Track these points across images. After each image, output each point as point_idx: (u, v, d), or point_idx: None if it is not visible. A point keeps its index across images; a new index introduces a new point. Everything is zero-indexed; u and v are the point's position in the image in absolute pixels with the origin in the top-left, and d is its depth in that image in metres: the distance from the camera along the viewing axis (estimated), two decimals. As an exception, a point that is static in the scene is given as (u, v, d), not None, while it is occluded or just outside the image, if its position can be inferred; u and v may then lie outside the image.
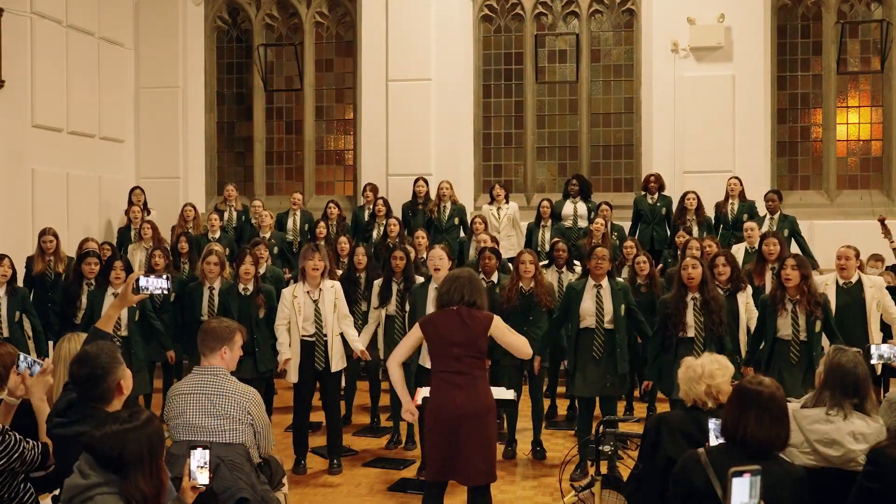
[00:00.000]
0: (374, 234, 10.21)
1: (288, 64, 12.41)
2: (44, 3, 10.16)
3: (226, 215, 10.75)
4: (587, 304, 6.34)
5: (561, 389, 8.47)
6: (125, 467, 2.79)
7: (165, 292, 4.17)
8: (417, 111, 11.52)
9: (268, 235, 9.99)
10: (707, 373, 3.71)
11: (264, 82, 12.35)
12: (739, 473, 2.71)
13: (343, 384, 8.23)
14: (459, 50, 11.70)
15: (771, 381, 3.22)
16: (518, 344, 4.62)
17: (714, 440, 3.41)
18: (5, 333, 7.18)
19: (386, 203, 10.41)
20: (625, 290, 6.47)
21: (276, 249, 9.93)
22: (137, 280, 3.99)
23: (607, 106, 11.90)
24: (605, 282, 6.39)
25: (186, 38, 12.25)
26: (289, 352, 6.34)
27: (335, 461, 6.55)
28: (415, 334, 4.69)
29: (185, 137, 12.26)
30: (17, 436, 3.57)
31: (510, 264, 7.89)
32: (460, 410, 4.37)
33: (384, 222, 10.03)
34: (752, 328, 6.36)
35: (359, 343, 6.51)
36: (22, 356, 3.81)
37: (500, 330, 4.59)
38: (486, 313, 4.57)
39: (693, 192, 9.91)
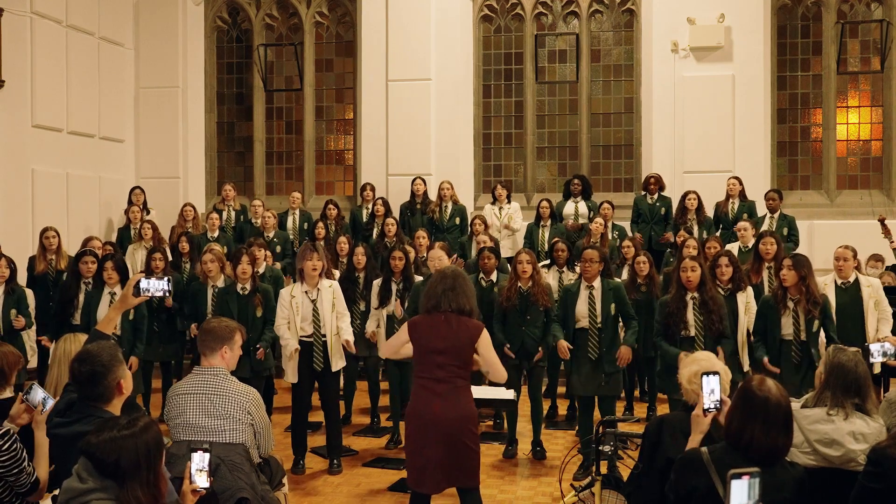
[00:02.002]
0: (374, 233, 10.22)
1: (288, 64, 12.41)
2: (44, 3, 10.16)
3: (224, 215, 10.76)
4: (581, 306, 6.51)
5: (561, 389, 8.48)
6: (122, 475, 2.77)
7: (166, 295, 4.16)
8: (417, 111, 11.52)
9: (271, 235, 10.01)
10: (725, 370, 3.70)
11: (264, 82, 12.35)
12: (738, 476, 2.70)
13: (342, 384, 8.25)
14: (459, 50, 11.69)
15: (777, 388, 3.15)
16: (499, 369, 4.45)
17: None
18: (0, 332, 7.19)
19: (385, 203, 10.42)
20: (616, 289, 6.54)
21: (278, 249, 9.94)
22: (138, 282, 3.98)
23: (607, 106, 11.90)
24: (597, 283, 6.50)
25: (186, 38, 12.26)
26: (295, 342, 6.33)
27: (335, 461, 6.55)
28: (403, 334, 4.54)
29: (185, 137, 12.27)
30: (25, 454, 3.57)
31: (509, 264, 7.88)
32: (439, 418, 4.27)
33: (383, 222, 10.05)
34: (751, 327, 6.39)
35: (348, 335, 6.43)
36: (38, 389, 3.68)
37: (485, 347, 4.41)
38: (476, 323, 4.41)
39: (694, 192, 9.92)
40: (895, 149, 11.19)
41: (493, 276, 7.30)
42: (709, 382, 3.45)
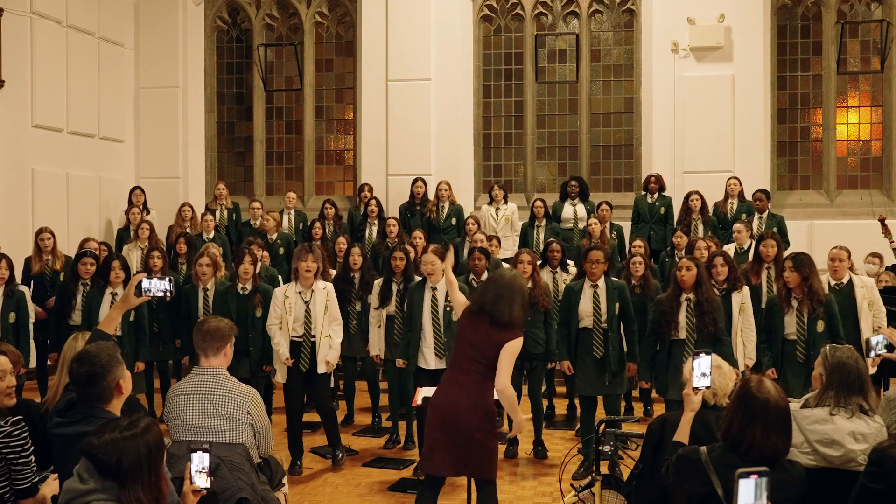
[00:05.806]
0: (367, 233, 10.20)
1: (288, 64, 12.42)
2: (44, 3, 10.16)
3: (217, 214, 10.70)
4: (585, 305, 6.45)
5: (560, 389, 8.47)
6: (123, 476, 2.77)
7: (169, 295, 4.15)
8: (417, 111, 11.52)
9: (274, 237, 9.97)
10: (730, 369, 3.72)
11: (264, 82, 12.36)
12: (746, 475, 2.70)
13: (341, 385, 8.25)
14: (459, 50, 11.69)
15: (776, 389, 3.15)
16: (504, 381, 4.38)
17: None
18: None
19: (378, 203, 10.40)
20: (620, 288, 6.53)
21: (281, 251, 9.90)
22: (140, 283, 3.98)
23: (607, 106, 11.90)
24: (601, 282, 6.47)
25: (186, 38, 12.25)
26: (286, 349, 6.37)
27: (338, 454, 6.56)
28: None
29: (185, 137, 12.27)
30: (32, 450, 3.57)
31: (506, 265, 7.87)
32: (453, 405, 4.37)
33: (376, 222, 10.04)
34: (746, 328, 6.37)
35: (330, 355, 6.46)
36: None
37: (505, 355, 4.37)
38: (512, 334, 4.38)
39: (697, 193, 9.90)
40: (895, 149, 11.19)
41: (484, 277, 7.27)
42: (699, 364, 3.51)
